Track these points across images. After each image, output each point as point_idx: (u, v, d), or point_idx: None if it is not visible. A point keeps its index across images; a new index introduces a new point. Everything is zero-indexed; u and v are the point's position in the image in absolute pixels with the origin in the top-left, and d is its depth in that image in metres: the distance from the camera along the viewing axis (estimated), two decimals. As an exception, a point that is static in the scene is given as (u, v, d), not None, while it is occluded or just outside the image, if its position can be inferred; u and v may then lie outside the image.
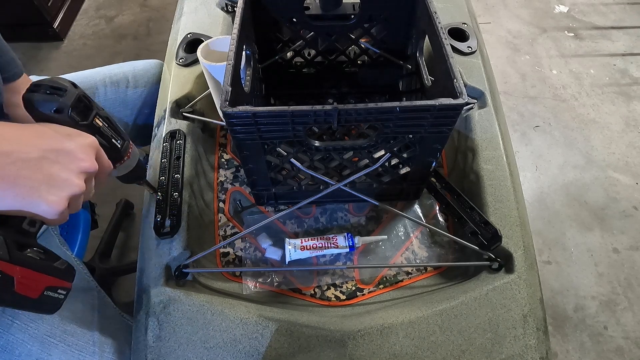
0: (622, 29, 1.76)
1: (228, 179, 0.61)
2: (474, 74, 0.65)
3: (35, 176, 0.30)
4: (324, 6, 0.56)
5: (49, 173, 0.31)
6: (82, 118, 0.35)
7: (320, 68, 0.65)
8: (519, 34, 1.75)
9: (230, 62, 0.41)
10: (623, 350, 1.03)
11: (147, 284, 0.48)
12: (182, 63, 0.67)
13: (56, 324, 0.51)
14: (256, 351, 0.43)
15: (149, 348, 0.44)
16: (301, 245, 0.54)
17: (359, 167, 0.50)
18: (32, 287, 0.30)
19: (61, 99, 0.33)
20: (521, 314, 0.45)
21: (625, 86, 1.56)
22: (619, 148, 1.39)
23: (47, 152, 0.31)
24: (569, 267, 1.15)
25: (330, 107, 0.37)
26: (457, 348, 0.44)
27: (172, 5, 1.29)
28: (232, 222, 0.58)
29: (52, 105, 0.33)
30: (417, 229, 0.57)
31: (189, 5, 0.78)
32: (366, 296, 0.52)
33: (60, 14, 1.72)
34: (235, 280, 0.53)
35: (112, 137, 0.38)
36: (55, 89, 0.33)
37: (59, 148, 0.31)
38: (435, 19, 0.45)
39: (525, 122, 1.46)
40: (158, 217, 0.51)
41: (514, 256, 0.49)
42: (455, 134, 0.63)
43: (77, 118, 0.34)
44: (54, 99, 0.33)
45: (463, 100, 0.38)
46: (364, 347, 0.44)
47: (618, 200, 1.27)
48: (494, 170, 0.55)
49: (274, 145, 0.44)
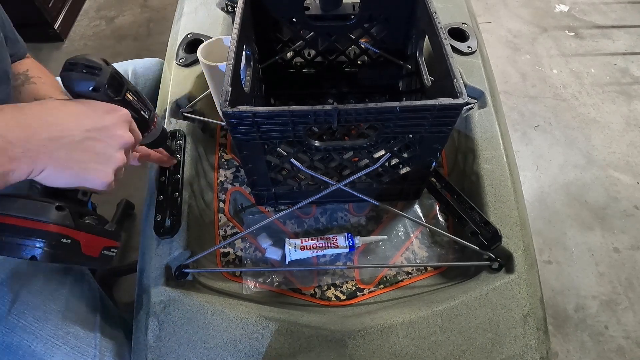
0: (622, 28, 1.75)
1: (228, 179, 0.61)
2: (474, 73, 0.65)
3: (84, 156, 0.33)
4: (324, 6, 0.56)
5: (95, 151, 0.34)
6: (115, 94, 0.37)
7: (320, 68, 0.65)
8: (519, 33, 1.75)
9: (230, 62, 0.41)
10: (624, 350, 1.02)
11: (147, 284, 0.48)
12: (182, 63, 0.67)
13: (60, 324, 0.51)
14: (256, 351, 0.43)
15: (149, 348, 0.44)
16: (301, 245, 0.54)
17: (359, 167, 0.50)
18: (94, 248, 0.35)
19: (97, 77, 0.35)
20: (521, 313, 0.45)
21: (626, 85, 1.56)
22: (619, 147, 1.38)
23: (90, 132, 0.33)
24: (569, 267, 1.15)
25: (330, 107, 0.37)
26: (457, 348, 0.44)
27: (172, 5, 1.29)
28: (232, 222, 0.58)
29: (89, 84, 0.35)
30: (417, 229, 0.57)
31: (189, 6, 0.78)
32: (366, 296, 0.52)
33: (61, 15, 1.72)
34: (235, 280, 0.53)
35: (141, 109, 0.40)
36: (91, 67, 0.35)
37: (99, 127, 0.34)
38: (435, 19, 0.45)
39: (526, 122, 1.46)
40: (158, 217, 0.51)
41: (514, 256, 0.49)
42: (455, 134, 0.63)
43: (111, 94, 0.36)
44: (91, 78, 0.35)
45: (463, 100, 0.38)
46: (364, 347, 0.44)
47: (619, 200, 1.26)
48: (494, 170, 0.55)
49: (274, 145, 0.44)
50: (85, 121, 0.34)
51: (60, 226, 0.31)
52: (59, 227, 0.31)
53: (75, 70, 0.35)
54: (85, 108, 0.35)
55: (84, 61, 0.35)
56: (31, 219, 0.30)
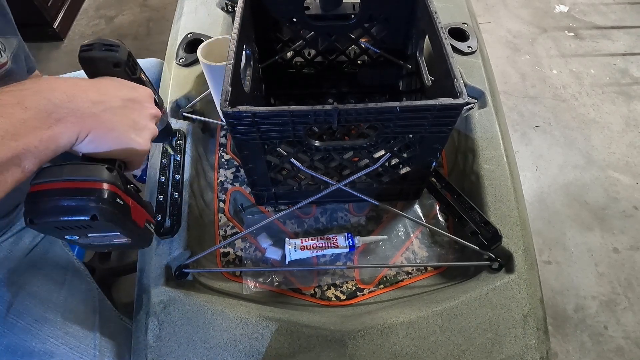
0: (622, 29, 1.75)
1: (228, 179, 0.61)
2: (474, 73, 0.65)
3: (125, 121, 0.34)
4: (324, 6, 0.56)
5: (133, 119, 0.34)
6: (132, 72, 0.38)
7: (320, 68, 0.65)
8: (519, 33, 1.75)
9: (230, 62, 0.41)
10: (623, 350, 1.02)
11: (147, 284, 0.48)
12: (182, 63, 0.67)
13: (59, 325, 0.51)
14: (256, 351, 0.43)
15: (149, 348, 0.44)
16: (301, 245, 0.54)
17: (359, 167, 0.50)
18: (139, 217, 0.34)
19: (117, 54, 0.36)
20: (521, 313, 0.45)
21: (625, 86, 1.56)
22: (619, 148, 1.39)
23: (126, 101, 0.34)
24: (569, 267, 1.15)
25: (330, 107, 0.37)
26: (457, 348, 0.44)
27: (172, 5, 1.29)
28: (232, 222, 0.58)
29: (111, 59, 0.36)
30: (417, 229, 0.57)
31: (189, 5, 0.78)
32: (366, 296, 0.52)
33: (60, 14, 1.72)
34: (235, 280, 0.53)
35: (153, 91, 0.41)
36: (109, 45, 0.36)
37: (132, 97, 0.35)
38: (435, 18, 0.45)
39: (526, 122, 1.46)
40: (158, 217, 0.51)
41: (514, 256, 0.49)
42: (455, 133, 0.63)
43: (129, 72, 0.37)
44: (112, 54, 0.36)
45: (463, 100, 0.38)
46: (364, 347, 0.43)
47: (618, 200, 1.27)
48: (494, 170, 0.55)
49: (274, 145, 0.44)
50: (121, 92, 0.35)
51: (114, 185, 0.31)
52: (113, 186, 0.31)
53: (95, 49, 0.35)
54: (114, 82, 0.36)
55: (101, 41, 0.36)
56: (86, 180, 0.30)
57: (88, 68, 0.36)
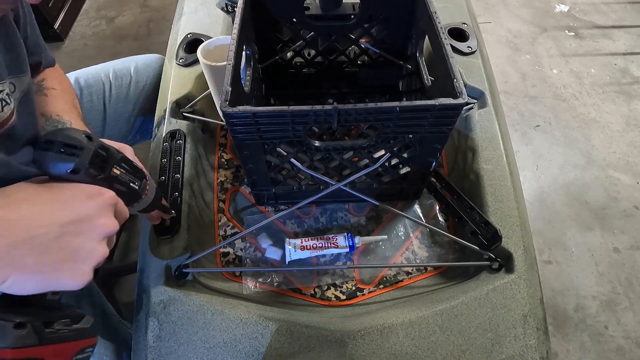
0: (623, 28, 1.75)
1: (228, 179, 0.61)
2: (474, 73, 0.65)
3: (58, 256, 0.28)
4: (324, 6, 0.56)
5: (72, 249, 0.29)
6: (99, 172, 0.32)
7: (320, 68, 0.65)
8: (519, 33, 1.75)
9: (230, 62, 0.41)
10: (624, 350, 1.02)
11: (147, 284, 0.48)
12: (182, 63, 0.67)
13: None
14: (256, 351, 0.43)
15: (149, 348, 0.44)
16: (301, 245, 0.54)
17: (359, 167, 0.50)
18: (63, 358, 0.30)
19: (78, 159, 0.30)
20: (521, 313, 0.45)
21: (626, 85, 1.56)
22: (619, 147, 1.38)
23: (68, 225, 0.29)
24: (569, 267, 1.15)
25: (330, 107, 0.37)
26: (457, 348, 0.44)
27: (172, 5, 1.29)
28: (232, 222, 0.58)
29: (68, 166, 0.30)
30: (417, 229, 0.57)
31: (189, 6, 0.78)
32: (366, 296, 0.52)
33: (61, 15, 1.72)
34: (235, 280, 0.53)
35: (129, 182, 0.36)
36: (70, 146, 0.30)
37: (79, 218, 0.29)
38: (435, 18, 0.45)
39: (526, 122, 1.46)
40: (158, 217, 0.51)
41: (514, 256, 0.49)
42: (455, 133, 0.63)
43: (94, 173, 0.31)
44: (70, 159, 0.30)
45: (463, 100, 0.38)
46: (364, 347, 0.44)
47: (619, 200, 1.26)
48: (494, 170, 0.55)
49: (274, 145, 0.44)
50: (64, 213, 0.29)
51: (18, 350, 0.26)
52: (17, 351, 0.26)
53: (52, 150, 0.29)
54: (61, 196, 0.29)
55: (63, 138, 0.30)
56: None
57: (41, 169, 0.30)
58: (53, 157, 0.30)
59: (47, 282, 0.28)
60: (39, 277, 0.27)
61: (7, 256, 0.26)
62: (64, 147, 0.30)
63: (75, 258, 0.29)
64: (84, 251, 0.29)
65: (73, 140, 0.30)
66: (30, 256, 0.27)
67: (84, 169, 0.30)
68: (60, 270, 0.28)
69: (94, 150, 0.31)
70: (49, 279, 0.28)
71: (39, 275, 0.27)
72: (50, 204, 0.29)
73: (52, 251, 0.28)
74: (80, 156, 0.30)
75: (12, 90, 0.39)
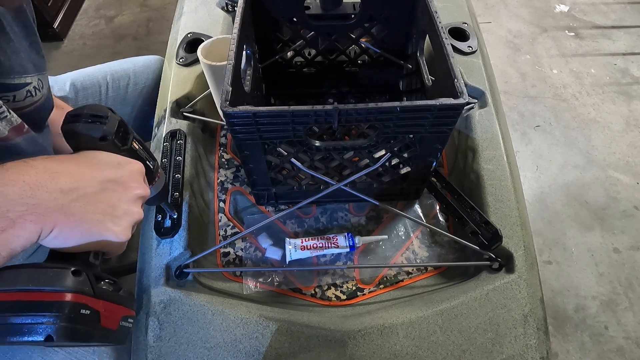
0: (622, 29, 1.75)
1: (228, 179, 0.61)
2: (474, 73, 0.65)
3: (100, 209, 0.30)
4: (325, 6, 0.56)
5: (111, 204, 0.30)
6: (122, 143, 0.34)
7: (320, 68, 0.65)
8: (520, 33, 1.75)
9: (230, 62, 0.41)
10: (624, 350, 1.02)
11: (147, 284, 0.48)
12: (182, 63, 0.67)
13: None
14: (256, 351, 0.43)
15: (150, 348, 0.44)
16: (301, 245, 0.54)
17: (359, 167, 0.50)
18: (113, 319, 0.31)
19: (104, 126, 0.32)
20: (522, 313, 0.45)
21: (625, 85, 1.56)
22: (619, 148, 1.38)
23: (105, 183, 0.30)
24: (569, 267, 1.15)
25: (330, 107, 0.37)
26: (457, 348, 0.44)
27: (172, 5, 1.29)
28: (233, 222, 0.58)
29: (97, 133, 0.32)
30: (417, 228, 0.57)
31: (189, 5, 0.78)
32: (366, 296, 0.52)
33: (60, 14, 1.72)
34: (235, 280, 0.53)
35: (146, 159, 0.37)
36: (96, 116, 0.33)
37: (114, 178, 0.31)
38: (435, 18, 0.45)
39: (526, 122, 1.46)
40: (158, 217, 0.51)
41: (514, 256, 0.49)
42: (455, 133, 0.63)
43: (118, 144, 0.34)
44: (98, 127, 0.32)
45: (464, 100, 0.38)
46: (365, 347, 0.43)
47: (618, 200, 1.27)
48: (494, 170, 0.55)
49: (274, 145, 0.44)
50: (100, 172, 0.31)
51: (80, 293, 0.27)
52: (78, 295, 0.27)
53: (80, 121, 0.32)
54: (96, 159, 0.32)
55: (89, 110, 0.33)
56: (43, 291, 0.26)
57: (71, 142, 0.33)
58: (82, 127, 0.32)
59: (92, 234, 0.29)
60: (84, 227, 0.29)
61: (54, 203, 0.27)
62: (91, 117, 0.32)
63: (115, 214, 0.31)
64: (121, 209, 0.31)
65: (99, 111, 0.33)
66: (77, 205, 0.28)
67: (110, 136, 0.33)
68: (103, 223, 0.30)
69: (118, 121, 0.34)
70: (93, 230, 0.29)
71: (84, 225, 0.29)
72: (88, 165, 0.31)
73: (94, 203, 0.29)
74: (107, 124, 0.33)
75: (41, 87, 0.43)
